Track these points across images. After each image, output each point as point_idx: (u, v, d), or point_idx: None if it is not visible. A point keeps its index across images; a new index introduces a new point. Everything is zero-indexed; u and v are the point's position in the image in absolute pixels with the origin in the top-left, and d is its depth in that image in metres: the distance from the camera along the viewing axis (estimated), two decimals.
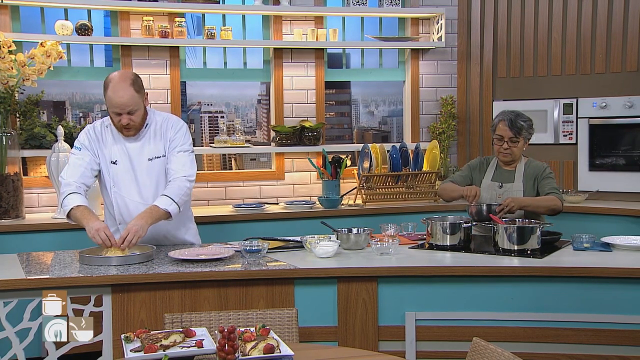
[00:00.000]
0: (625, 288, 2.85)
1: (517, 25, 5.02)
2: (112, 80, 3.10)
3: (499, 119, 3.61)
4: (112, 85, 3.08)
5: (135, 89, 3.09)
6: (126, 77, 3.11)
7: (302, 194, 4.99)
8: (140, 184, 3.23)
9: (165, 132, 3.27)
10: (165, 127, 3.27)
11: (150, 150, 3.24)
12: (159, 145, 3.25)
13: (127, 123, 3.11)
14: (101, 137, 3.24)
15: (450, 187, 3.68)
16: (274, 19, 4.89)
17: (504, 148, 3.58)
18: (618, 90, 4.65)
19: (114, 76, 3.13)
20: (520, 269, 2.93)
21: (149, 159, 3.24)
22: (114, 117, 3.13)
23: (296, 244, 3.28)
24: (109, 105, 3.10)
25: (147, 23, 4.52)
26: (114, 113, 3.11)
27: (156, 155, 3.24)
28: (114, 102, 3.07)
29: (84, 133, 3.27)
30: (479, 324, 2.88)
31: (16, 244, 3.86)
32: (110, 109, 3.11)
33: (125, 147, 3.22)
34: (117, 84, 3.08)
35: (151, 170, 3.24)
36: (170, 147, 3.26)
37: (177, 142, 3.26)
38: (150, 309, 2.77)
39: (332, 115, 5.58)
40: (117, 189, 3.23)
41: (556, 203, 3.44)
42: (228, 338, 1.89)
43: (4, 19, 4.35)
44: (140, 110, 3.14)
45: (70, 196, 3.11)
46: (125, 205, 3.23)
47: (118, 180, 3.22)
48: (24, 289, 2.68)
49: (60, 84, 4.75)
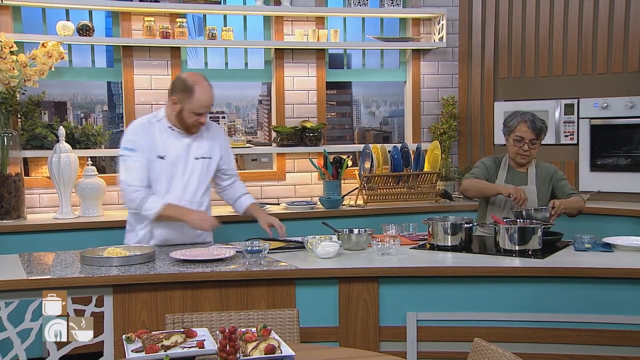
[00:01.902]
0: (627, 288, 2.85)
1: (518, 26, 5.01)
2: (198, 82, 3.22)
3: (518, 120, 3.57)
4: (201, 87, 3.21)
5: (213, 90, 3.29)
6: (205, 78, 3.28)
7: (303, 194, 4.98)
8: (184, 180, 3.33)
9: (215, 136, 3.44)
10: (214, 131, 3.45)
11: (198, 150, 3.36)
12: (205, 146, 3.38)
13: (204, 122, 3.27)
14: (150, 132, 3.30)
15: (481, 184, 3.57)
16: (275, 20, 4.89)
17: (523, 150, 3.57)
18: (619, 90, 4.65)
19: (197, 78, 3.25)
20: (521, 270, 2.93)
21: (196, 158, 3.35)
22: (193, 116, 3.23)
23: (297, 245, 3.28)
24: (196, 105, 3.20)
25: (148, 23, 4.52)
26: (195, 114, 3.22)
27: (203, 156, 3.38)
28: (204, 102, 3.21)
29: (133, 132, 3.31)
30: (480, 325, 2.88)
31: (17, 244, 3.86)
32: (196, 109, 3.21)
33: (175, 143, 3.31)
34: (204, 85, 3.23)
35: (195, 169, 3.35)
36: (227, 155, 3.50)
37: (230, 150, 3.53)
38: (151, 309, 2.78)
39: (333, 115, 5.58)
40: (159, 183, 3.29)
41: (582, 204, 3.52)
42: (229, 338, 1.89)
43: (6, 19, 4.35)
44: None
45: (150, 200, 3.21)
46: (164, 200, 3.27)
47: (163, 175, 3.29)
48: (25, 290, 2.68)
49: (62, 85, 4.75)
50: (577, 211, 3.51)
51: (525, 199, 3.38)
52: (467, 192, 3.66)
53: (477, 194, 3.63)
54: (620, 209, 4.35)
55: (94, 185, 4.28)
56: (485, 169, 3.69)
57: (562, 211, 3.38)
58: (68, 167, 4.17)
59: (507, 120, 3.66)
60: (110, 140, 4.75)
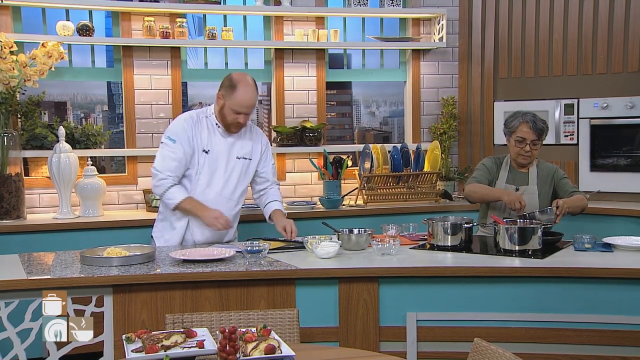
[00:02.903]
0: (627, 289, 2.85)
1: (518, 26, 5.01)
2: (242, 81, 3.30)
3: (520, 121, 3.56)
4: (243, 87, 3.28)
5: (257, 93, 3.37)
6: (251, 80, 3.35)
7: (303, 194, 4.98)
8: (224, 176, 3.41)
9: (260, 139, 3.55)
10: (256, 134, 3.55)
11: (239, 150, 3.45)
12: (247, 147, 3.48)
13: (243, 122, 3.33)
14: (198, 126, 3.38)
15: (483, 189, 3.57)
16: (275, 20, 4.89)
17: (525, 150, 3.56)
18: (619, 90, 4.65)
19: (242, 77, 3.33)
20: (521, 270, 2.93)
21: (238, 157, 3.45)
22: (233, 114, 3.30)
23: (297, 245, 3.28)
24: (236, 104, 3.28)
25: (148, 23, 4.52)
26: (234, 112, 3.29)
27: (244, 156, 3.47)
28: (244, 102, 3.29)
29: (179, 124, 3.39)
30: (480, 325, 2.88)
31: (17, 244, 3.86)
32: (235, 107, 3.29)
33: (220, 141, 3.40)
34: (249, 85, 3.30)
35: (236, 167, 3.44)
36: (264, 158, 3.55)
37: (269, 154, 3.59)
38: (151, 309, 2.78)
39: (333, 115, 5.59)
40: (201, 176, 3.37)
41: (585, 202, 3.52)
42: (229, 338, 1.89)
43: (6, 19, 4.35)
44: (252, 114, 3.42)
45: (173, 189, 3.31)
46: (203, 195, 3.37)
47: (206, 169, 3.37)
48: (25, 290, 2.68)
49: (62, 85, 4.75)
50: (581, 209, 3.51)
51: (523, 207, 3.37)
52: (470, 198, 3.67)
53: (480, 199, 3.64)
54: (620, 209, 4.35)
55: (94, 185, 4.28)
56: (486, 170, 3.69)
57: (567, 210, 3.37)
58: (68, 167, 4.17)
59: (508, 121, 3.65)
60: (110, 140, 4.76)
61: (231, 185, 3.44)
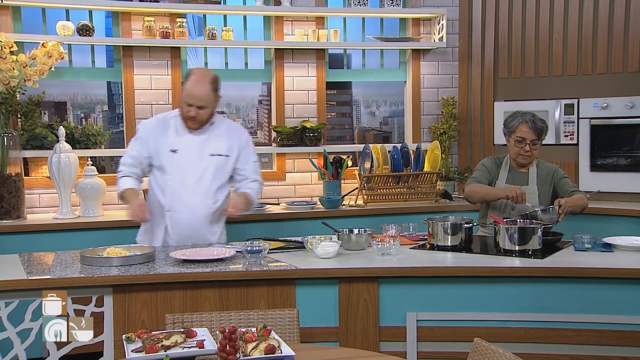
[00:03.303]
0: (627, 289, 2.85)
1: (518, 26, 5.01)
2: (195, 73, 3.36)
3: (519, 121, 3.56)
4: (194, 78, 3.31)
5: (212, 88, 3.32)
6: (207, 74, 3.37)
7: (303, 194, 4.98)
8: (197, 175, 3.39)
9: (238, 136, 3.50)
10: (236, 132, 3.52)
11: (213, 147, 3.42)
12: (224, 145, 3.44)
13: (194, 115, 3.31)
14: (163, 127, 3.43)
15: (484, 189, 3.57)
16: (275, 20, 4.89)
17: (525, 150, 3.56)
18: (619, 90, 4.65)
19: (196, 70, 3.42)
20: (521, 270, 2.93)
21: (211, 154, 3.41)
22: (185, 106, 3.32)
23: (297, 245, 3.28)
24: (185, 94, 3.31)
25: (148, 23, 4.52)
26: (186, 104, 3.31)
27: (219, 153, 3.42)
28: (190, 93, 3.29)
29: (143, 124, 3.52)
30: (480, 325, 2.88)
31: (17, 244, 3.87)
32: (185, 98, 3.31)
33: (189, 139, 3.39)
34: (199, 78, 3.32)
35: (210, 165, 3.41)
36: (244, 155, 3.49)
37: (249, 152, 3.53)
38: (151, 309, 2.78)
39: (333, 115, 5.58)
40: (173, 176, 3.37)
41: (585, 201, 3.52)
42: (229, 338, 1.89)
43: (6, 19, 4.35)
44: (209, 108, 3.35)
45: (121, 180, 3.41)
46: (177, 193, 3.37)
47: (175, 168, 3.38)
48: (25, 290, 2.68)
49: (62, 85, 4.75)
50: (581, 209, 3.50)
51: (523, 193, 3.39)
52: (470, 198, 3.66)
53: (480, 199, 3.64)
54: (620, 209, 4.35)
55: (94, 185, 4.28)
56: (486, 171, 3.69)
57: (569, 209, 3.37)
58: (68, 167, 4.17)
59: (508, 121, 3.65)
60: (110, 140, 4.76)
61: (205, 182, 3.39)
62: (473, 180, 3.65)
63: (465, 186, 3.68)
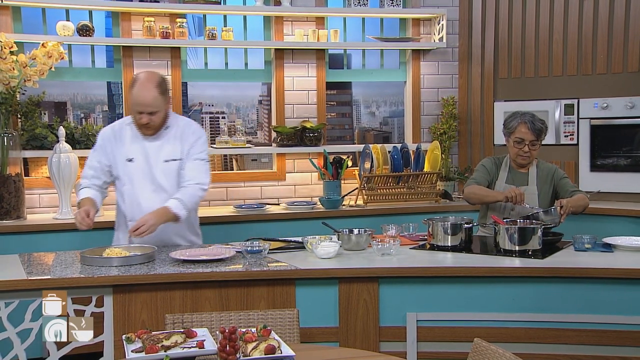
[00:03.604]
0: (627, 289, 2.85)
1: (518, 26, 5.01)
2: (139, 78, 3.20)
3: (518, 122, 3.54)
4: (139, 84, 3.17)
5: (159, 91, 3.18)
6: (152, 78, 3.20)
7: (303, 194, 4.98)
8: (155, 183, 3.30)
9: (186, 137, 3.34)
10: (187, 132, 3.35)
11: (167, 152, 3.31)
12: (177, 148, 3.32)
13: (146, 122, 3.20)
14: (119, 135, 3.33)
15: (482, 191, 3.56)
16: (275, 20, 4.89)
17: (524, 151, 3.55)
18: (619, 91, 4.65)
19: (141, 75, 3.23)
20: (521, 270, 2.93)
21: (165, 160, 3.30)
22: (136, 114, 3.21)
23: (297, 245, 3.28)
24: (133, 102, 3.19)
25: (148, 24, 4.52)
26: (136, 111, 3.20)
27: (173, 158, 3.31)
28: (137, 100, 3.17)
29: (100, 133, 3.41)
30: (480, 325, 2.88)
31: (17, 244, 3.87)
32: (133, 106, 3.20)
33: (144, 146, 3.30)
34: (143, 83, 3.17)
35: (166, 171, 3.31)
36: (189, 153, 3.32)
37: (196, 150, 3.33)
38: (151, 309, 2.78)
39: (333, 115, 5.58)
40: (131, 186, 3.30)
41: (586, 201, 3.50)
42: (229, 339, 1.89)
43: (6, 19, 4.35)
44: (162, 112, 3.23)
45: (80, 191, 3.34)
46: (137, 203, 3.29)
47: (133, 178, 3.30)
48: (25, 290, 2.68)
49: (62, 85, 4.75)
50: (583, 208, 3.49)
51: (521, 194, 3.37)
52: (469, 200, 3.66)
53: (478, 201, 3.63)
54: (620, 209, 4.35)
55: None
56: (485, 171, 3.68)
57: (571, 209, 3.36)
58: (68, 168, 4.17)
59: (507, 122, 3.64)
60: None
61: (165, 190, 3.28)
62: (472, 182, 3.65)
63: (465, 187, 3.68)
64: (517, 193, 3.36)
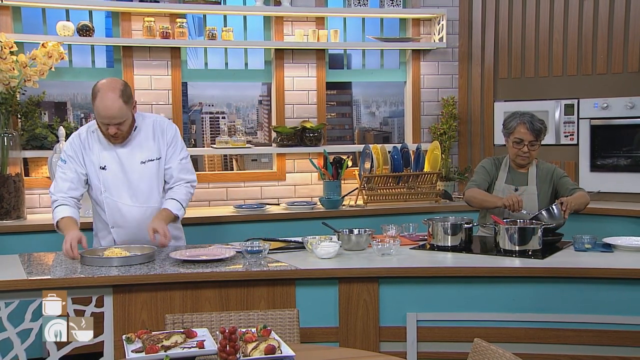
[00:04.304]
0: (627, 289, 2.85)
1: (518, 26, 5.01)
2: (101, 90, 3.04)
3: (517, 122, 3.53)
4: (100, 96, 3.03)
5: (123, 100, 3.05)
6: (114, 87, 3.06)
7: (303, 194, 4.98)
8: (132, 187, 3.24)
9: (161, 135, 3.28)
10: (160, 130, 3.29)
11: (142, 154, 3.24)
12: (152, 148, 3.26)
13: (114, 133, 3.11)
14: (87, 144, 3.23)
15: (482, 196, 3.53)
16: (275, 20, 4.89)
17: (523, 152, 3.54)
18: (619, 91, 4.65)
19: (102, 85, 3.06)
20: (521, 270, 2.93)
21: (142, 162, 3.24)
22: (102, 126, 3.12)
23: (297, 245, 3.28)
24: (97, 115, 3.08)
25: (148, 24, 4.52)
26: (102, 123, 3.10)
27: (149, 158, 3.26)
28: (102, 113, 3.05)
29: (68, 143, 3.27)
30: (480, 325, 2.88)
31: (17, 244, 3.87)
32: (98, 119, 3.10)
33: (115, 153, 3.21)
34: (105, 94, 3.02)
35: (144, 173, 3.25)
36: (170, 153, 3.29)
37: (176, 148, 3.31)
38: (151, 309, 2.78)
39: (333, 116, 5.59)
40: (108, 193, 3.23)
41: (588, 198, 3.49)
42: (229, 339, 1.89)
43: (6, 19, 4.35)
44: (129, 120, 3.14)
45: (57, 209, 3.16)
46: (118, 209, 3.24)
47: (109, 185, 3.22)
48: (25, 290, 2.68)
49: (62, 85, 4.75)
50: (584, 206, 3.47)
51: (520, 201, 3.34)
52: (470, 203, 3.64)
53: (478, 205, 3.62)
54: (620, 209, 4.35)
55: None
56: (485, 173, 3.67)
57: (573, 207, 3.34)
58: None
59: (506, 122, 3.63)
60: None
61: (142, 192, 3.23)
62: (473, 184, 3.63)
63: (465, 190, 3.66)
64: (515, 200, 3.33)
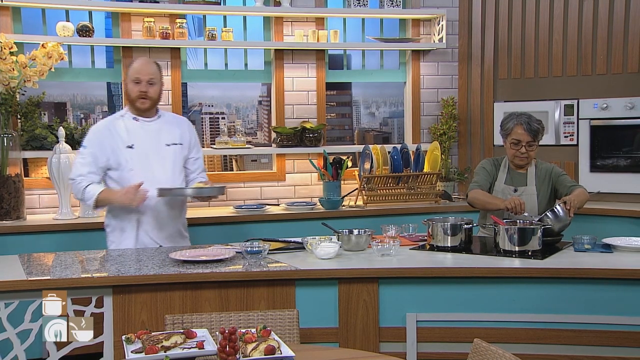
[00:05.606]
0: (626, 289, 2.85)
1: (518, 26, 5.01)
2: (139, 57, 3.64)
3: (514, 123, 3.52)
4: (139, 60, 3.43)
5: (158, 68, 3.40)
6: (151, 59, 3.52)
7: (303, 195, 4.98)
8: (158, 166, 3.37)
9: (186, 124, 3.58)
10: (184, 120, 3.62)
11: (168, 136, 3.43)
12: (175, 133, 3.46)
13: (144, 90, 3.30)
14: (112, 128, 3.38)
15: (485, 198, 3.51)
16: (275, 20, 4.89)
17: (520, 152, 3.53)
18: (619, 91, 4.65)
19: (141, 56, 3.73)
20: (521, 271, 2.94)
21: (167, 145, 3.42)
22: (133, 86, 3.32)
23: (297, 245, 3.28)
24: (132, 73, 3.33)
25: (148, 24, 4.52)
26: (133, 82, 3.31)
27: (174, 142, 3.44)
28: (138, 69, 3.33)
29: (91, 132, 3.44)
30: (480, 325, 2.88)
31: (17, 245, 3.87)
32: (132, 76, 3.32)
33: (142, 132, 3.37)
34: (144, 59, 3.48)
35: (167, 156, 3.42)
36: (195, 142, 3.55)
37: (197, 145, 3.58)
38: (151, 310, 2.78)
39: (333, 116, 5.59)
40: (134, 172, 3.32)
41: (587, 195, 3.47)
42: (229, 339, 1.89)
43: (5, 20, 4.35)
44: (158, 87, 3.37)
45: (88, 188, 3.29)
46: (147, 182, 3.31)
47: (135, 164, 3.34)
48: (25, 290, 2.68)
49: (62, 85, 4.75)
50: (585, 202, 3.45)
51: (522, 204, 3.32)
52: (473, 204, 3.63)
53: (481, 207, 3.61)
54: (620, 210, 4.35)
55: None
56: (486, 173, 3.67)
57: (577, 205, 3.32)
58: (68, 168, 4.16)
59: (504, 123, 3.62)
60: None
61: (168, 172, 3.39)
62: (475, 186, 3.62)
63: (469, 192, 3.65)
64: (517, 203, 3.31)
